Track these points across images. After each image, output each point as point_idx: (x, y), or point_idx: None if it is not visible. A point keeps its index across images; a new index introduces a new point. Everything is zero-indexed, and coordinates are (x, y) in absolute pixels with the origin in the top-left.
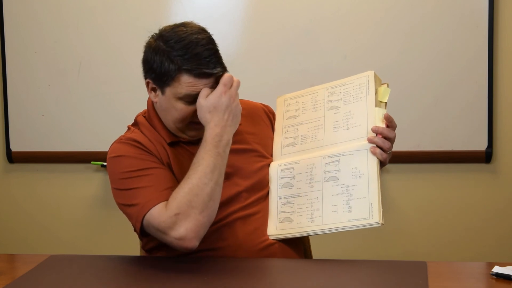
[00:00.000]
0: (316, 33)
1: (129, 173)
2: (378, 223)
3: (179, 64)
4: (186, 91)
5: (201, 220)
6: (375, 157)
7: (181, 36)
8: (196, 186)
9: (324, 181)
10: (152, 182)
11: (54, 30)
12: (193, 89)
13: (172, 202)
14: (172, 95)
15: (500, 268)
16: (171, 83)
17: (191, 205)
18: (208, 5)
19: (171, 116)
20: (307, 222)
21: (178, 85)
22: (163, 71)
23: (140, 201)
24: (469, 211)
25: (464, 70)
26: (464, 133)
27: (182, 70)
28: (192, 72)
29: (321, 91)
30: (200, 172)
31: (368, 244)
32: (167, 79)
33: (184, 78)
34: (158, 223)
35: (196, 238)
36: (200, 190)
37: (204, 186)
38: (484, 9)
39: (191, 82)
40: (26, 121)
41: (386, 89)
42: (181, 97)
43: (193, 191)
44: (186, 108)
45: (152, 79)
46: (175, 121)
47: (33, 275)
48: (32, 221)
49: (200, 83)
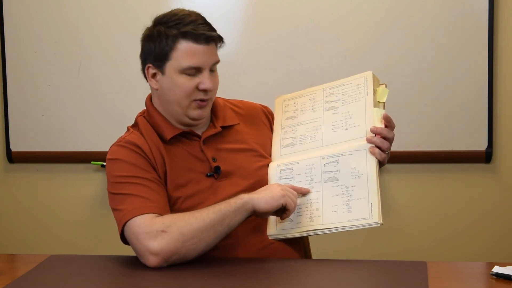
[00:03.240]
0: (316, 33)
1: (121, 178)
2: (378, 223)
3: (175, 32)
4: (187, 62)
5: (179, 248)
6: (374, 157)
7: (173, 13)
8: (194, 217)
9: (324, 182)
10: (141, 192)
11: (54, 30)
12: (193, 58)
13: (166, 219)
14: (173, 70)
15: (500, 268)
16: (170, 56)
17: (180, 230)
18: (208, 5)
19: (174, 95)
20: (306, 222)
21: (178, 56)
22: (161, 47)
23: (125, 208)
24: (469, 211)
25: (464, 70)
26: (464, 133)
27: (179, 36)
28: (189, 35)
29: (320, 92)
30: (205, 209)
31: (368, 244)
32: (167, 52)
33: (183, 46)
34: (138, 231)
35: (166, 261)
36: (196, 222)
37: (202, 222)
38: (484, 9)
39: (190, 48)
40: (26, 121)
41: (385, 89)
42: (183, 69)
43: (190, 220)
44: (189, 82)
45: (152, 61)
46: (180, 99)
47: (33, 275)
48: (32, 221)
49: (200, 49)
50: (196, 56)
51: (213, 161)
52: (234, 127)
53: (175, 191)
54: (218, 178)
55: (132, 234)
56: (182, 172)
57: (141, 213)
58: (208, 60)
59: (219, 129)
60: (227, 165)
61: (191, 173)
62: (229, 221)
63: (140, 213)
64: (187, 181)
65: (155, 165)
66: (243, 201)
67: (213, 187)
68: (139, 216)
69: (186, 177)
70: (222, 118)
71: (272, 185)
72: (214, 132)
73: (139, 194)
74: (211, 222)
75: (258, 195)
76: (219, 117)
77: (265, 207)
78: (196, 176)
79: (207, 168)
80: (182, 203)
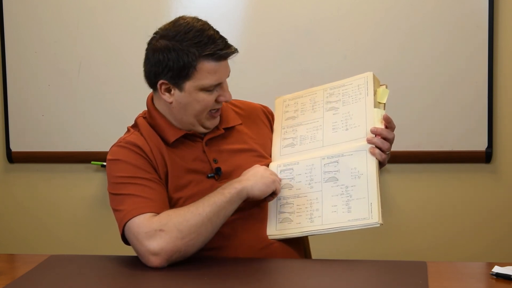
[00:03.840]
0: (316, 33)
1: (121, 178)
2: (378, 223)
3: (198, 53)
4: (209, 81)
5: (179, 246)
6: (374, 158)
7: (186, 27)
8: (190, 212)
9: (323, 182)
10: (141, 192)
11: (54, 30)
12: (215, 76)
13: (162, 217)
14: (193, 88)
15: (500, 268)
16: (192, 76)
17: (178, 227)
18: (208, 5)
19: (192, 110)
20: (306, 222)
21: (199, 76)
22: (182, 65)
23: (125, 208)
24: (469, 211)
25: (464, 70)
26: (464, 133)
27: (202, 57)
28: (213, 56)
29: (320, 92)
30: (200, 202)
31: (368, 244)
32: (188, 72)
33: (206, 66)
34: (138, 232)
35: (167, 260)
36: (192, 217)
37: (198, 216)
38: (484, 9)
39: (212, 67)
40: (26, 121)
41: (385, 90)
42: (204, 87)
43: (186, 216)
44: (208, 97)
45: (168, 78)
46: (197, 113)
47: (33, 275)
48: (32, 221)
49: (221, 66)
50: (217, 74)
51: (214, 162)
52: (235, 127)
53: (176, 192)
54: (219, 179)
55: (132, 234)
56: (183, 173)
57: (140, 213)
58: (226, 73)
59: (222, 131)
60: (228, 166)
61: (192, 174)
62: (225, 212)
63: (139, 212)
64: (188, 182)
65: (155, 166)
66: (237, 190)
67: (213, 188)
68: (138, 216)
69: (187, 178)
70: (225, 120)
71: (258, 169)
72: (217, 134)
73: (138, 194)
74: (207, 215)
75: (250, 182)
76: (222, 119)
77: (258, 194)
78: (197, 177)
79: (208, 169)
80: (183, 203)
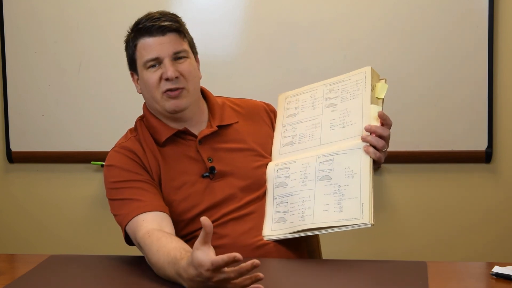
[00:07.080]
0: (316, 33)
1: (116, 184)
2: (369, 223)
3: (134, 33)
4: (146, 56)
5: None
6: (368, 156)
7: (140, 17)
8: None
9: (317, 180)
10: (135, 194)
11: (54, 30)
12: (151, 51)
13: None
14: (141, 70)
15: (500, 268)
16: (136, 57)
17: (149, 259)
18: (208, 5)
19: (148, 92)
20: (298, 221)
21: (139, 54)
22: (130, 52)
23: (122, 213)
24: (469, 211)
25: (464, 70)
26: (464, 133)
27: (137, 35)
28: (144, 31)
29: (320, 88)
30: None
31: (368, 244)
32: (133, 54)
33: (141, 43)
34: (133, 237)
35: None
36: (159, 270)
37: (158, 263)
38: (484, 9)
39: (147, 43)
40: (26, 121)
41: (384, 85)
42: (144, 64)
43: (158, 265)
44: (152, 75)
45: (130, 69)
46: (152, 94)
47: (33, 275)
48: (32, 221)
49: (155, 42)
50: (152, 48)
51: (209, 161)
52: (233, 126)
53: (170, 194)
54: (214, 178)
55: (132, 238)
56: (176, 175)
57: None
58: (166, 49)
59: (215, 128)
60: (224, 165)
61: (185, 175)
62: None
63: (134, 214)
64: (182, 183)
65: (148, 169)
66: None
67: (209, 187)
68: (131, 219)
69: (180, 180)
70: (219, 117)
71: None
72: (210, 132)
73: (133, 197)
74: (162, 266)
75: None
76: (216, 116)
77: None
78: (191, 178)
79: (203, 169)
80: (177, 205)
